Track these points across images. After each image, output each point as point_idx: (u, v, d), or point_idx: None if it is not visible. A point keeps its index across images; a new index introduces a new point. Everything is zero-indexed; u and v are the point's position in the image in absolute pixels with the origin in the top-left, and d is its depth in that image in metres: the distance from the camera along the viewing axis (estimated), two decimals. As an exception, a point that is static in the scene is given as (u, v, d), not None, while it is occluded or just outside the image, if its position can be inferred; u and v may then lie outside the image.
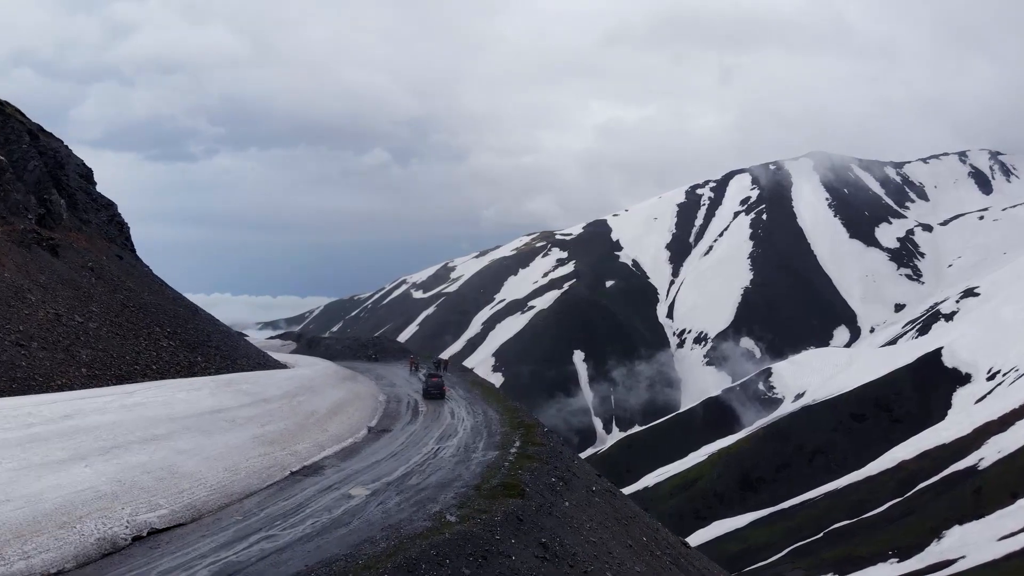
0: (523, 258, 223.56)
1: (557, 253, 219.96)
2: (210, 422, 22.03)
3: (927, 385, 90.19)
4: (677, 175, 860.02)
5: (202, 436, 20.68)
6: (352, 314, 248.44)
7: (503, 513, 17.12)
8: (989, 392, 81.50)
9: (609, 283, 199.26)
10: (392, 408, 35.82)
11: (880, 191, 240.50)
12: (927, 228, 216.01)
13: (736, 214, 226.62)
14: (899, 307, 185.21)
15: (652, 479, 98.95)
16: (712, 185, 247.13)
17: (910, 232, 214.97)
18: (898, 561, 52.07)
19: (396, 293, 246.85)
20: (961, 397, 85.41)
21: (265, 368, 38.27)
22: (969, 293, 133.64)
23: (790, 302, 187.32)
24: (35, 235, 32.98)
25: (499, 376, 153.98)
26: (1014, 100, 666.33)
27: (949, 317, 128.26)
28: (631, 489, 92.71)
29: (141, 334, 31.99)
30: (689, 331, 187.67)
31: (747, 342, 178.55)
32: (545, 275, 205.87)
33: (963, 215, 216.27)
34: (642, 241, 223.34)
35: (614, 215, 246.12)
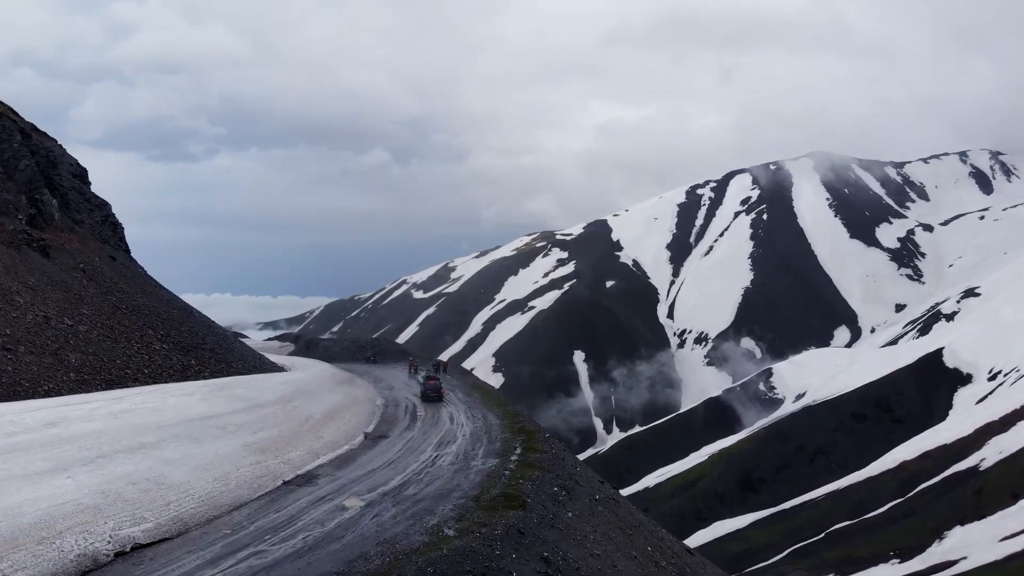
0: (523, 258, 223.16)
1: (557, 253, 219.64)
2: (200, 429, 21.38)
3: (928, 385, 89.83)
4: (677, 175, 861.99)
5: (192, 444, 20.03)
6: (352, 314, 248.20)
7: (503, 526, 16.46)
8: (990, 392, 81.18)
9: (609, 283, 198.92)
10: (390, 413, 35.14)
11: (880, 191, 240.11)
12: (928, 228, 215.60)
13: (736, 214, 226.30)
14: (900, 307, 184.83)
15: (653, 479, 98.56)
16: (712, 185, 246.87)
17: (911, 232, 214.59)
18: (899, 562, 51.71)
19: (396, 293, 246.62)
20: (962, 397, 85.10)
21: (261, 371, 37.64)
22: (970, 293, 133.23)
23: (790, 302, 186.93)
24: (25, 236, 32.32)
25: (499, 376, 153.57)
26: (1014, 100, 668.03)
27: (950, 317, 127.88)
28: (632, 490, 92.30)
29: (133, 337, 31.34)
30: (689, 331, 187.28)
31: (748, 342, 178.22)
32: (545, 275, 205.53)
33: (964, 215, 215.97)
34: (642, 241, 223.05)
35: (614, 215, 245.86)
